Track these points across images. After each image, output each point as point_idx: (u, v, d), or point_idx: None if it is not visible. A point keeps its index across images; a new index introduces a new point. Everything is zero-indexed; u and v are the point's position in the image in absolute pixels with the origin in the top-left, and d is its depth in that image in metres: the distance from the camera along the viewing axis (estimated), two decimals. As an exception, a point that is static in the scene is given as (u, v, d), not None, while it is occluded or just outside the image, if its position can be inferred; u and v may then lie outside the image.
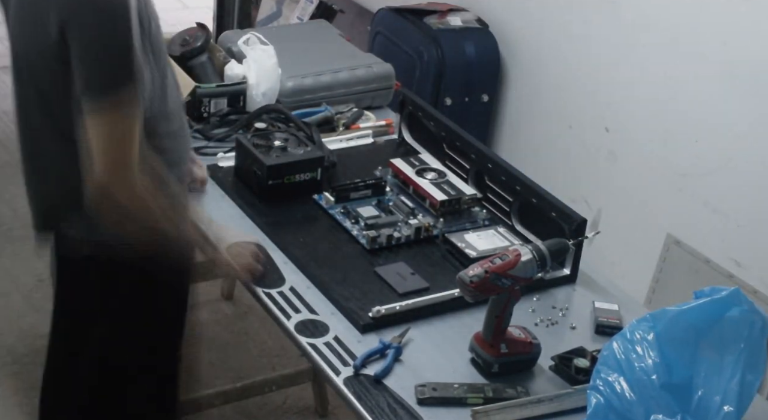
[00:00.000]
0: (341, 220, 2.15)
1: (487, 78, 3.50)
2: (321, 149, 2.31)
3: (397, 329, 1.87)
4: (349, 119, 2.52)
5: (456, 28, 3.50)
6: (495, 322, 1.78)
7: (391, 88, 2.69)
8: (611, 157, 3.10)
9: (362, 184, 2.23)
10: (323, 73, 2.60)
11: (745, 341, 1.55)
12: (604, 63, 3.10)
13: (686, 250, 2.86)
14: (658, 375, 1.54)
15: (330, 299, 1.94)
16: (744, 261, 2.76)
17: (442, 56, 3.40)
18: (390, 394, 1.73)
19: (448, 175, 2.29)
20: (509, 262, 1.73)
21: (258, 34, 2.60)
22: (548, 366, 1.84)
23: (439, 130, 2.40)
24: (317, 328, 1.87)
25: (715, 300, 1.57)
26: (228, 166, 2.30)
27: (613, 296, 2.08)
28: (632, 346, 1.57)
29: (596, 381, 1.58)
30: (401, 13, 3.59)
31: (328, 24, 3.02)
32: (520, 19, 3.47)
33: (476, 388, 1.75)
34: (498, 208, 2.25)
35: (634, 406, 1.53)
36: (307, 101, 2.55)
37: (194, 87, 2.42)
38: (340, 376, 1.76)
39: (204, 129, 2.42)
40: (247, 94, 2.49)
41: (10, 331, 3.13)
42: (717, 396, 1.53)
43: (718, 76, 2.74)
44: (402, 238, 2.11)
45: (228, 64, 2.53)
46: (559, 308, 2.01)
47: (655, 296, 3.05)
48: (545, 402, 1.73)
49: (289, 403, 3.02)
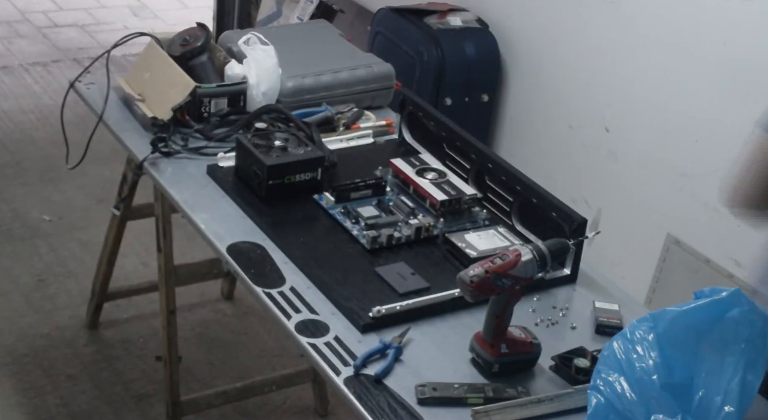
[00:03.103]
0: (341, 220, 2.15)
1: (487, 78, 3.50)
2: (321, 149, 2.31)
3: (398, 329, 1.87)
4: (349, 119, 2.52)
5: (456, 28, 3.50)
6: (495, 322, 1.78)
7: (391, 88, 2.68)
8: (611, 157, 3.10)
9: (362, 184, 2.23)
10: (323, 73, 2.60)
11: (746, 342, 1.55)
12: (604, 63, 3.10)
13: (686, 250, 2.86)
14: (658, 375, 1.54)
15: (330, 299, 1.94)
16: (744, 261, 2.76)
17: (442, 56, 3.40)
18: (390, 394, 1.73)
19: (449, 175, 2.29)
20: (509, 262, 1.73)
21: (258, 34, 2.60)
22: (548, 366, 1.84)
23: (439, 130, 2.40)
24: (317, 328, 1.87)
25: (715, 300, 1.57)
26: (228, 166, 2.30)
27: (613, 296, 2.08)
28: (633, 346, 1.57)
29: (597, 381, 1.58)
30: (401, 13, 3.59)
31: (328, 24, 3.02)
32: (520, 19, 3.48)
33: (476, 388, 1.75)
34: (498, 208, 2.25)
35: (634, 406, 1.53)
36: (307, 101, 2.55)
37: (194, 87, 2.42)
38: (340, 376, 1.76)
39: (204, 129, 2.42)
40: (248, 94, 2.49)
41: (10, 331, 3.13)
42: (718, 396, 1.53)
43: (718, 76, 2.74)
44: (402, 238, 2.11)
45: (228, 64, 2.53)
46: (559, 308, 2.01)
47: (655, 296, 3.05)
48: (545, 402, 1.73)
49: (289, 403, 3.02)
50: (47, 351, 3.10)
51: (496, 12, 3.53)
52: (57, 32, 5.39)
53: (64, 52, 5.14)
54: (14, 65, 4.95)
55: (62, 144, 2.55)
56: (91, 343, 3.16)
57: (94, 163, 3.27)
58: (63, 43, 5.26)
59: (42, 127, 4.34)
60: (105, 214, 3.08)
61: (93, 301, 3.16)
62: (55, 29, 5.42)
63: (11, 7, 5.61)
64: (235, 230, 2.11)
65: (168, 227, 2.57)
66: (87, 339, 3.17)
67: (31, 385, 2.96)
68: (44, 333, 3.17)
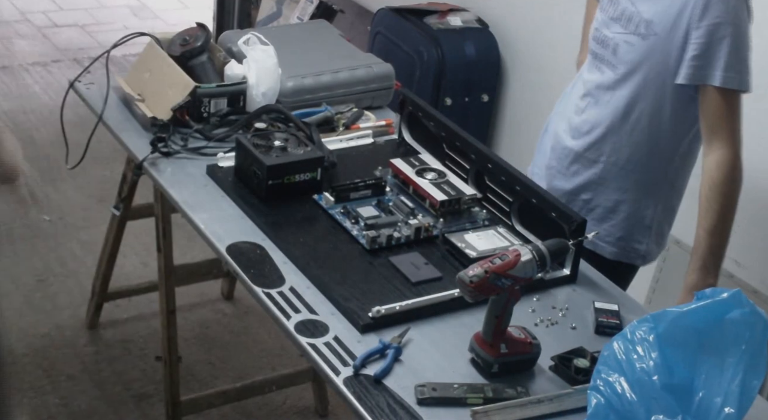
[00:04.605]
0: (341, 220, 2.15)
1: (487, 78, 3.50)
2: (321, 149, 2.31)
3: (397, 329, 1.87)
4: (349, 119, 2.52)
5: (456, 28, 3.50)
6: (495, 322, 1.78)
7: (391, 88, 2.68)
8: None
9: (362, 184, 2.23)
10: (323, 73, 2.60)
11: (746, 343, 1.55)
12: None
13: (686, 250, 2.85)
14: (659, 376, 1.54)
15: (330, 299, 1.94)
16: (744, 261, 2.76)
17: (442, 56, 3.40)
18: (390, 394, 1.73)
19: (448, 175, 2.29)
20: (509, 262, 1.73)
21: (258, 34, 2.60)
22: (548, 366, 1.84)
23: (439, 130, 2.40)
24: (317, 328, 1.87)
25: (716, 302, 1.57)
26: (228, 166, 2.30)
27: (613, 296, 2.08)
28: (633, 347, 1.57)
29: (597, 381, 1.57)
30: (401, 13, 3.59)
31: (328, 24, 3.02)
32: (520, 19, 3.48)
33: (476, 388, 1.75)
34: (498, 208, 2.24)
35: (634, 407, 1.53)
36: (307, 101, 2.55)
37: (194, 87, 2.42)
38: (339, 376, 1.76)
39: (204, 129, 2.42)
40: (247, 94, 2.49)
41: (10, 331, 3.13)
42: (718, 397, 1.53)
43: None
44: (402, 238, 2.11)
45: (228, 64, 2.53)
46: (559, 308, 2.01)
47: (655, 296, 3.05)
48: (545, 402, 1.73)
49: (289, 403, 3.02)
50: (47, 351, 3.10)
51: (496, 12, 3.53)
52: (57, 32, 5.39)
53: (64, 52, 5.14)
54: (14, 65, 4.95)
55: (62, 144, 2.55)
56: (91, 343, 3.16)
57: (94, 163, 3.27)
58: (63, 43, 5.26)
59: (42, 127, 4.35)
60: (105, 214, 3.08)
61: (93, 301, 3.16)
62: (55, 29, 5.42)
63: (11, 7, 5.62)
64: (235, 230, 2.11)
65: (168, 227, 2.57)
66: (87, 339, 3.17)
67: (31, 385, 2.96)
68: (44, 333, 3.17)
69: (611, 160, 2.29)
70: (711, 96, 2.14)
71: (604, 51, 2.27)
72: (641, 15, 2.19)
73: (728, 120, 2.15)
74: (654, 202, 2.33)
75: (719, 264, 2.17)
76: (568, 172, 2.36)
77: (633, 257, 2.39)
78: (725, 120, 2.14)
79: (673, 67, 2.16)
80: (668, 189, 2.33)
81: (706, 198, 2.14)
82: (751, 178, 2.40)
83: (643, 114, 2.23)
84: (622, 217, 2.33)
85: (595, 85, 2.30)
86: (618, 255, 2.37)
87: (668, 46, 2.16)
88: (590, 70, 2.33)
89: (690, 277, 2.16)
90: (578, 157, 2.34)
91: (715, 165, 2.14)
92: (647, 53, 2.19)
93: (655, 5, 2.16)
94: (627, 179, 2.30)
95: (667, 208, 2.38)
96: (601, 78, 2.28)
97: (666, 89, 2.20)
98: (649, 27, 2.17)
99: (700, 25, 2.11)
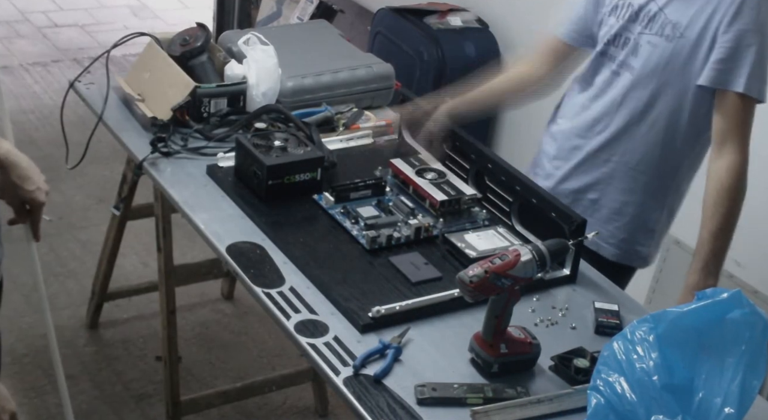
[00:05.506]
0: (341, 220, 2.15)
1: (487, 78, 3.50)
2: (321, 149, 2.31)
3: (397, 329, 1.87)
4: (349, 119, 2.52)
5: (456, 28, 3.50)
6: (495, 322, 1.78)
7: (391, 88, 2.68)
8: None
9: (362, 184, 2.23)
10: (323, 73, 2.59)
11: (746, 343, 1.54)
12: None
13: (686, 250, 2.86)
14: (659, 376, 1.54)
15: (330, 299, 1.94)
16: (744, 261, 2.76)
17: (442, 56, 3.40)
18: (390, 394, 1.73)
19: (448, 175, 2.29)
20: (509, 262, 1.73)
21: (258, 34, 2.60)
22: (548, 366, 1.84)
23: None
24: (317, 328, 1.87)
25: (716, 302, 1.57)
26: (228, 166, 2.30)
27: (613, 296, 2.08)
28: (633, 347, 1.57)
29: (597, 381, 1.57)
30: (401, 13, 3.59)
31: (328, 24, 3.02)
32: (520, 19, 3.47)
33: (476, 388, 1.75)
34: (498, 208, 2.24)
35: (634, 407, 1.53)
36: (307, 101, 2.55)
37: (194, 87, 2.42)
38: (339, 376, 1.76)
39: (204, 129, 2.42)
40: (247, 94, 2.49)
41: (10, 331, 3.13)
42: (718, 398, 1.52)
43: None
44: (402, 238, 2.11)
45: (228, 64, 2.53)
46: (559, 308, 2.01)
47: (655, 296, 3.05)
48: (545, 402, 1.73)
49: (289, 403, 3.02)
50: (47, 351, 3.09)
51: (496, 12, 3.53)
52: (57, 32, 5.39)
53: (64, 52, 5.14)
54: (14, 65, 4.95)
55: (62, 144, 2.55)
56: (91, 343, 3.16)
57: (94, 163, 3.27)
58: (63, 43, 5.26)
59: (42, 127, 4.35)
60: (105, 214, 3.08)
61: (93, 301, 3.16)
62: (55, 29, 5.42)
63: (11, 7, 5.61)
64: (235, 230, 2.11)
65: (168, 227, 2.57)
66: (87, 339, 3.17)
67: (31, 385, 2.96)
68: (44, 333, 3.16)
69: (623, 160, 2.29)
70: (730, 101, 2.14)
71: (620, 52, 2.26)
72: (667, 16, 2.18)
73: (742, 126, 2.15)
74: (659, 206, 2.33)
75: (720, 266, 2.17)
76: (576, 171, 2.36)
77: (634, 260, 2.39)
78: (739, 126, 2.14)
79: (697, 69, 2.16)
80: (673, 193, 2.34)
81: (713, 201, 2.14)
82: (751, 178, 2.39)
83: (661, 115, 2.23)
84: (627, 219, 2.34)
85: (609, 86, 2.29)
86: (619, 257, 2.37)
87: (695, 49, 2.16)
88: (599, 72, 2.32)
89: (691, 277, 2.16)
90: (589, 157, 2.33)
91: (725, 169, 2.14)
92: (672, 55, 2.18)
93: (686, 8, 2.16)
94: (635, 181, 2.30)
95: (671, 213, 2.38)
96: (614, 79, 2.28)
97: (688, 91, 2.19)
98: (676, 29, 2.17)
99: (729, 29, 2.11)
